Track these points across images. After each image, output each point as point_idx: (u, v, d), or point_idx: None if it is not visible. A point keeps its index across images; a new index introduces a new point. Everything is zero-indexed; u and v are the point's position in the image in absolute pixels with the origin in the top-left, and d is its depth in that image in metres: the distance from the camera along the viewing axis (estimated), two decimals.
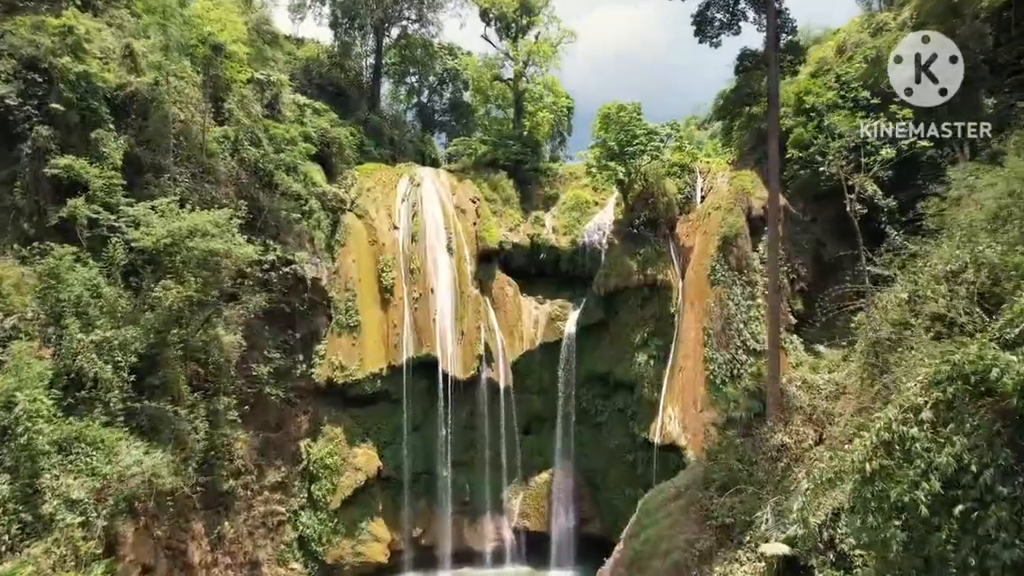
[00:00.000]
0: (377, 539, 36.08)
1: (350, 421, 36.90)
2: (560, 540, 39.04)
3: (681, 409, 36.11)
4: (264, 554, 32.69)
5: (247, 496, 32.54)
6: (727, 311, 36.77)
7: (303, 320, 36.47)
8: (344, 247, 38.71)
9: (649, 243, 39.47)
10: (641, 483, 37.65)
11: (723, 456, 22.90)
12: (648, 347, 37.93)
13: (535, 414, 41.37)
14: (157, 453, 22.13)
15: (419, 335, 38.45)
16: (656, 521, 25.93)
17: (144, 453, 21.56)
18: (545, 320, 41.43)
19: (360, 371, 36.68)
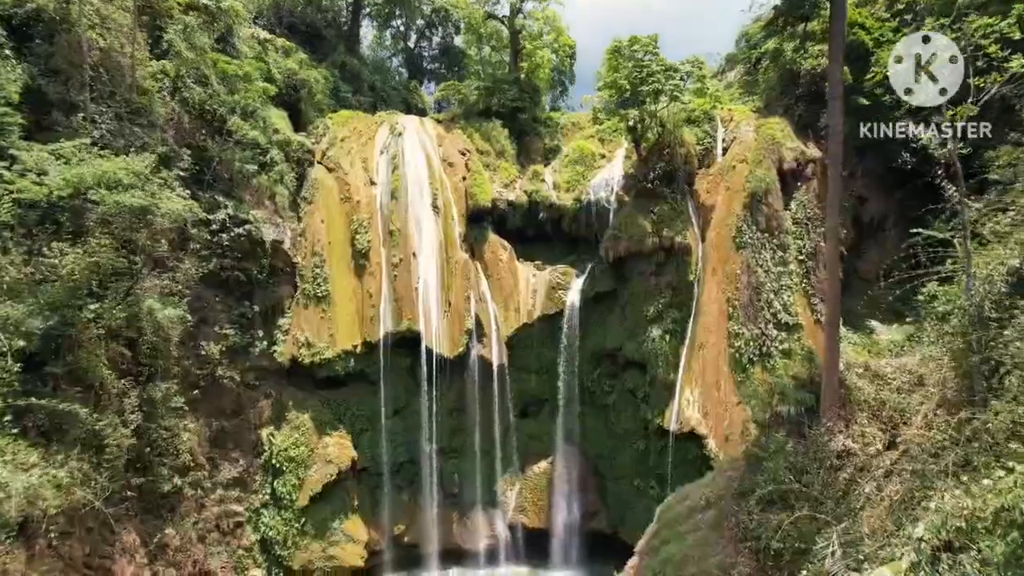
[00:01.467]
0: (352, 539, 32.05)
1: (319, 406, 32.56)
2: (562, 537, 35.14)
3: (701, 392, 31.78)
4: (218, 562, 28.62)
5: (197, 496, 28.33)
6: (755, 279, 32.22)
7: (263, 290, 31.84)
8: (312, 205, 33.88)
9: (665, 200, 34.65)
10: (654, 474, 33.63)
11: (769, 463, 18.48)
12: (663, 320, 33.39)
13: (533, 396, 37.04)
14: (36, 470, 17.57)
15: (399, 306, 33.86)
16: (680, 536, 21.70)
17: (18, 469, 17.00)
18: (545, 289, 36.80)
19: (330, 349, 32.20)
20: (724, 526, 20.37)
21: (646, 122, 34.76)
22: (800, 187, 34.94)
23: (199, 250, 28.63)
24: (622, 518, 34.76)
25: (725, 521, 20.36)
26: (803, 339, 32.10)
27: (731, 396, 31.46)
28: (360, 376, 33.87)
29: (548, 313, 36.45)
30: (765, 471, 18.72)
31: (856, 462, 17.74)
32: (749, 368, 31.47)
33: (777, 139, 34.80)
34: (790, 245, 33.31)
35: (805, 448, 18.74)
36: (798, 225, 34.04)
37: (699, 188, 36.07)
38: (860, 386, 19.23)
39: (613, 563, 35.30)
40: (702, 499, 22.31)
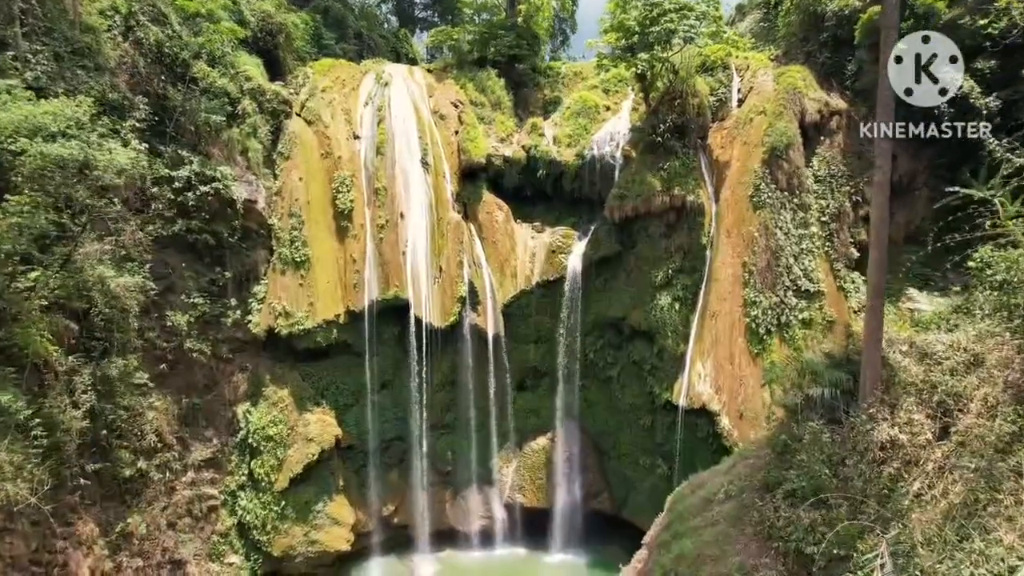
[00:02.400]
0: (337, 522, 30.12)
1: (299, 381, 30.29)
2: (562, 517, 33.27)
3: (713, 365, 29.49)
4: (191, 549, 26.72)
5: (166, 479, 26.33)
6: (774, 242, 29.65)
7: (235, 255, 29.29)
8: (288, 161, 31.07)
9: (675, 155, 31.84)
10: (660, 452, 31.61)
11: (802, 455, 16.19)
12: (673, 287, 30.93)
13: (531, 367, 34.79)
14: None
15: (385, 272, 31.36)
16: (694, 531, 19.55)
17: None
18: (544, 253, 34.25)
19: (310, 318, 29.78)
20: (746, 521, 18.19)
21: (656, 68, 31.75)
22: (823, 141, 32.11)
23: (162, 211, 26.05)
24: (625, 498, 32.86)
25: (747, 516, 18.23)
26: (825, 308, 29.68)
27: (746, 369, 29.19)
28: (344, 348, 31.56)
29: (548, 279, 33.96)
30: (796, 464, 16.46)
31: (903, 455, 15.48)
32: (766, 339, 29.12)
33: (799, 89, 31.84)
34: (811, 205, 30.63)
35: (842, 437, 16.48)
36: (820, 183, 31.31)
37: (712, 143, 33.23)
38: (906, 366, 16.84)
39: (616, 545, 33.62)
40: (720, 489, 20.13)
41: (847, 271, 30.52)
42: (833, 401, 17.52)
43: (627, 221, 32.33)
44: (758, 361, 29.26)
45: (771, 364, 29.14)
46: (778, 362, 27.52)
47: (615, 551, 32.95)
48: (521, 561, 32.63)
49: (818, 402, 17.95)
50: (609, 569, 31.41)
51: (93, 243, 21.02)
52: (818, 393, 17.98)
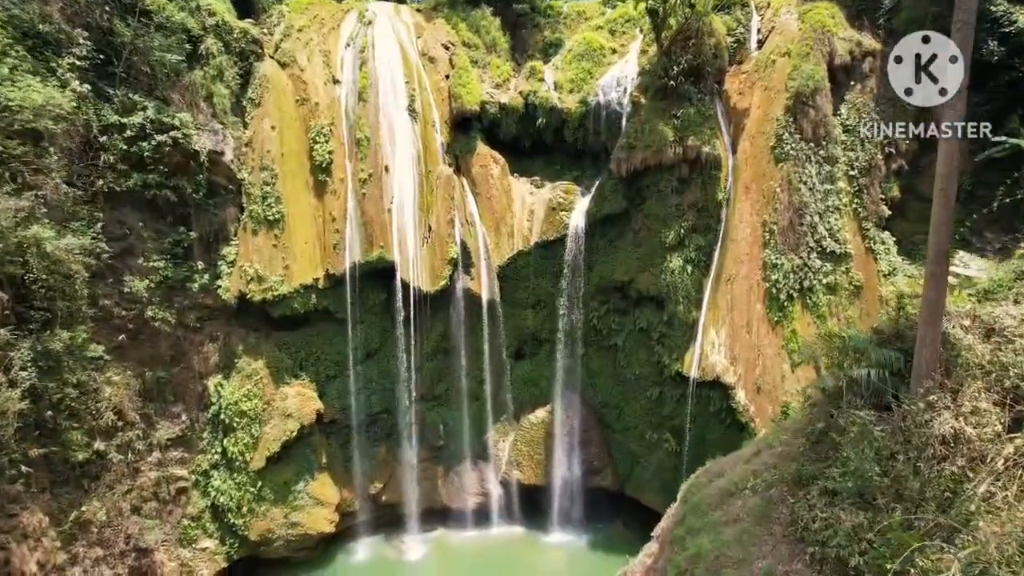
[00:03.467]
0: (320, 503, 28.16)
1: (275, 351, 27.92)
2: (562, 495, 31.35)
3: (729, 334, 27.14)
4: (158, 535, 24.74)
5: (128, 460, 24.17)
6: (797, 198, 27.00)
7: (201, 213, 26.56)
8: (260, 108, 28.09)
9: (690, 101, 28.87)
10: (668, 426, 29.50)
11: (847, 451, 13.86)
12: (685, 248, 28.35)
13: (529, 334, 32.45)
14: None
15: (369, 232, 28.71)
16: (713, 527, 17.41)
17: None
18: (544, 210, 31.54)
19: (285, 283, 27.26)
20: (773, 519, 16.03)
21: (670, 2, 28.50)
22: (853, 87, 29.10)
23: (113, 163, 23.28)
24: (629, 474, 30.90)
25: (775, 513, 16.05)
26: (852, 271, 27.17)
27: (764, 339, 26.84)
28: (324, 315, 29.12)
29: (548, 239, 31.32)
30: (840, 460, 14.14)
31: (968, 450, 13.17)
32: (787, 306, 26.69)
33: (827, 27, 28.68)
34: (839, 158, 27.83)
35: (892, 427, 14.13)
36: (849, 134, 28.44)
37: (729, 89, 30.20)
38: (969, 344, 14.40)
39: (619, 523, 31.83)
40: (743, 480, 17.93)
41: (877, 231, 27.90)
42: (880, 384, 15.09)
43: (635, 175, 29.52)
44: (778, 330, 26.90)
45: (790, 334, 26.86)
46: (803, 335, 25.19)
47: (618, 530, 31.21)
48: (518, 541, 30.85)
49: (863, 385, 15.49)
50: (611, 549, 29.63)
51: (10, 199, 18.30)
52: (863, 374, 15.50)
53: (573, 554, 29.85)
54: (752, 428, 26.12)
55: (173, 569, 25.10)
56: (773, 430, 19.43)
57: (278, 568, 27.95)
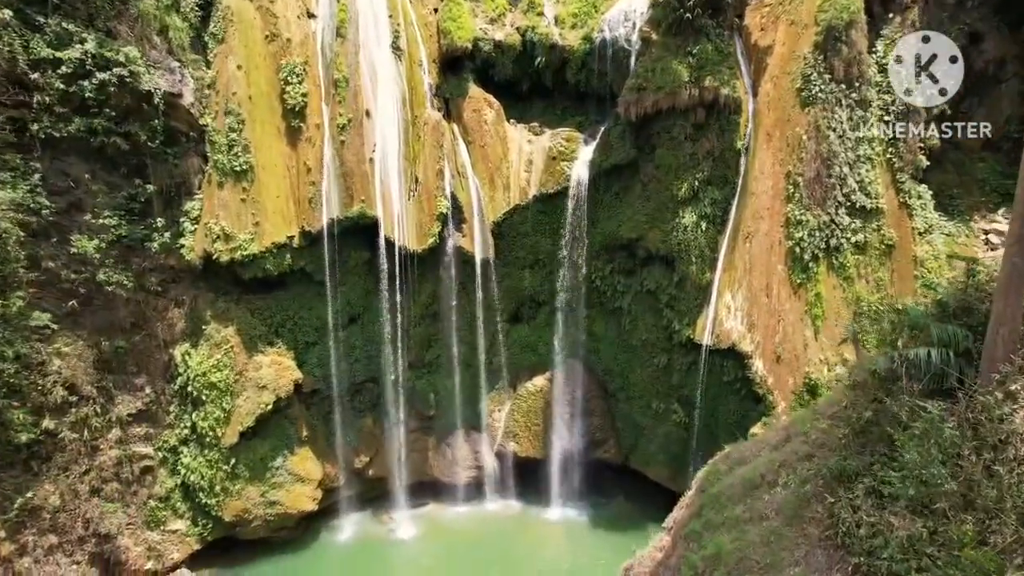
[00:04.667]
0: (300, 479, 26.27)
1: (247, 316, 25.57)
2: (561, 468, 29.54)
3: (746, 297, 24.81)
4: (122, 518, 22.88)
5: (84, 439, 22.17)
6: (826, 147, 24.37)
7: (159, 164, 23.87)
8: (223, 45, 25.00)
9: (707, 37, 25.86)
10: (677, 396, 27.50)
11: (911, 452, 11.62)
12: (699, 202, 25.80)
13: (527, 296, 30.13)
14: None
15: (348, 184, 26.03)
16: (735, 524, 15.42)
17: None
18: (543, 160, 28.80)
19: (256, 242, 24.72)
20: (807, 520, 13.97)
21: None
22: (892, 19, 26.08)
23: (50, 104, 20.45)
24: (634, 445, 29.01)
25: (809, 512, 13.97)
26: (884, 229, 24.74)
27: (785, 303, 24.53)
28: (301, 276, 26.71)
29: (547, 191, 28.69)
30: (899, 461, 11.93)
31: None
32: (811, 267, 24.32)
33: None
34: (873, 101, 25.06)
35: (958, 419, 11.92)
36: (885, 74, 25.58)
37: (750, 24, 27.10)
38: None
39: (622, 497, 30.08)
40: (770, 471, 15.83)
41: (913, 184, 25.35)
42: (943, 367, 12.76)
43: (645, 120, 26.68)
44: (800, 293, 24.60)
45: (814, 298, 24.55)
46: (828, 299, 22.81)
47: (621, 505, 29.55)
48: (515, 517, 29.18)
49: (921, 368, 13.14)
50: (614, 526, 28.02)
51: None
52: (921, 355, 13.11)
53: (573, 530, 28.21)
54: (770, 401, 24.06)
55: (140, 554, 23.33)
56: (805, 414, 17.21)
57: (257, 549, 26.26)
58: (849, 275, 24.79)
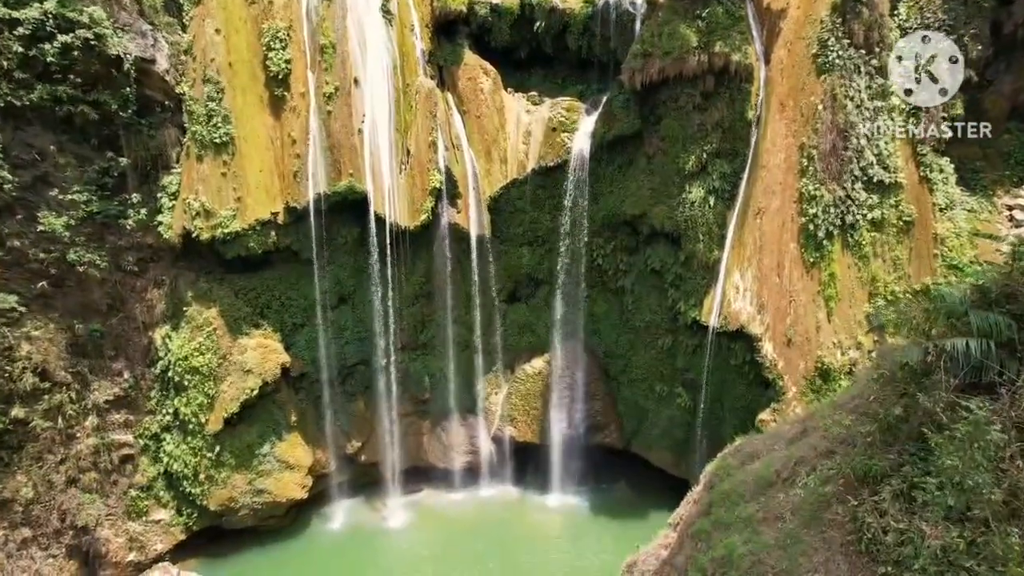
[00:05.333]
0: (289, 466, 25.31)
1: (230, 297, 24.38)
2: (561, 453, 28.58)
3: (756, 277, 23.61)
4: (100, 509, 21.91)
5: (59, 427, 21.16)
6: (843, 117, 23.05)
7: (134, 136, 22.52)
8: (201, 7, 23.49)
9: (718, 0, 24.22)
10: (681, 380, 26.47)
11: (952, 457, 10.46)
12: (708, 176, 24.45)
13: (525, 275, 28.89)
14: None
15: (336, 157, 24.64)
16: (747, 524, 14.37)
17: None
18: (542, 131, 27.35)
19: (239, 218, 23.43)
20: (827, 523, 12.92)
21: None
22: None
23: (10, 69, 18.97)
24: (636, 430, 28.03)
25: (829, 515, 12.91)
26: (903, 204, 23.43)
27: (797, 283, 23.33)
28: (287, 254, 25.49)
29: (547, 164, 27.26)
30: (938, 467, 10.80)
31: None
32: (825, 245, 23.10)
33: None
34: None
35: (1000, 419, 10.78)
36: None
37: None
38: None
39: (623, 483, 29.15)
40: (787, 469, 14.74)
41: (935, 157, 24.01)
42: (983, 359, 11.57)
43: (651, 89, 25.18)
44: (813, 273, 23.42)
45: (828, 278, 23.31)
46: (842, 278, 21.55)
47: (621, 491, 28.70)
48: (511, 503, 28.30)
49: (959, 360, 11.93)
50: (615, 512, 27.20)
51: None
52: (958, 346, 11.90)
53: (573, 518, 27.37)
54: (780, 386, 22.98)
55: (121, 545, 22.45)
56: (824, 406, 16.08)
57: (244, 539, 25.40)
58: (865, 254, 23.55)
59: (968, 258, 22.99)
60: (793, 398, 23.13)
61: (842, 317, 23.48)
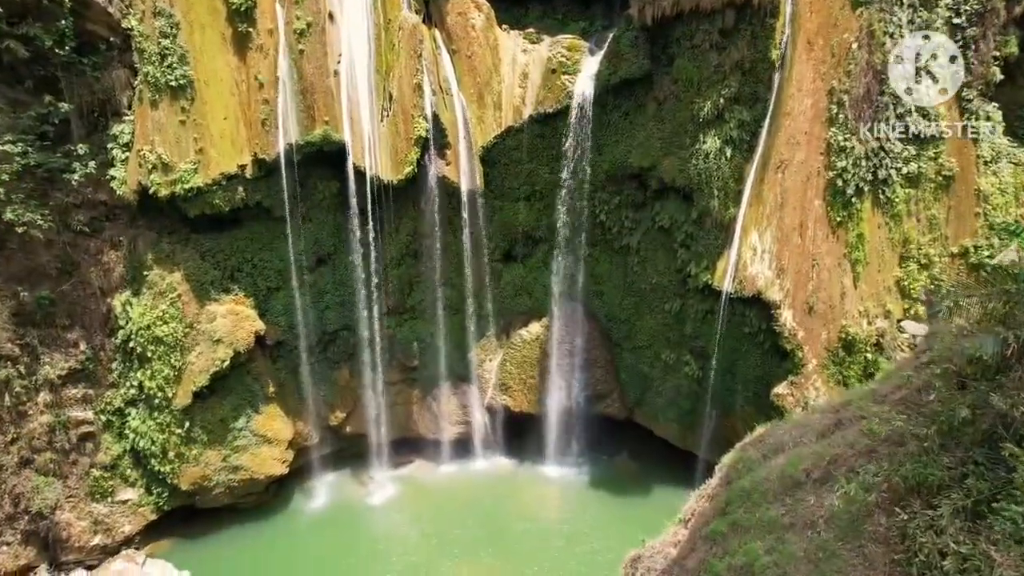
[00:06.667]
0: (267, 440, 23.66)
1: (196, 260, 22.22)
2: (559, 423, 26.89)
3: (776, 237, 21.45)
4: (59, 491, 20.20)
5: (7, 404, 19.47)
6: (880, 58, 20.56)
7: (75, 77, 19.96)
8: None
9: None
10: (689, 347, 24.56)
11: None
12: (725, 124, 21.90)
13: (521, 232, 26.63)
14: None
15: (309, 102, 22.09)
16: (771, 527, 12.58)
17: None
18: (541, 73, 24.67)
19: (201, 172, 21.06)
20: (868, 536, 11.10)
21: None
22: None
23: None
24: (640, 398, 26.31)
25: (870, 526, 11.08)
26: (943, 157, 21.05)
27: (822, 245, 21.18)
28: (259, 211, 23.21)
29: (545, 111, 24.65)
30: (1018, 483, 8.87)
31: None
32: (854, 203, 20.92)
33: None
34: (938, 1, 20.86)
35: None
36: None
37: None
38: None
39: (624, 454, 27.56)
40: (818, 467, 12.85)
41: (982, 102, 21.53)
42: None
43: (662, 25, 22.36)
44: (839, 233, 21.31)
45: (855, 239, 21.12)
46: (872, 240, 19.25)
47: (623, 462, 27.25)
48: (505, 476, 26.86)
49: None
50: (615, 485, 25.84)
51: None
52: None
53: (569, 490, 26.01)
54: (799, 358, 21.11)
55: (84, 529, 20.92)
56: (862, 394, 14.09)
57: (222, 517, 23.96)
58: (897, 212, 21.36)
59: (1015, 217, 20.78)
60: (813, 371, 21.26)
61: (870, 283, 21.43)
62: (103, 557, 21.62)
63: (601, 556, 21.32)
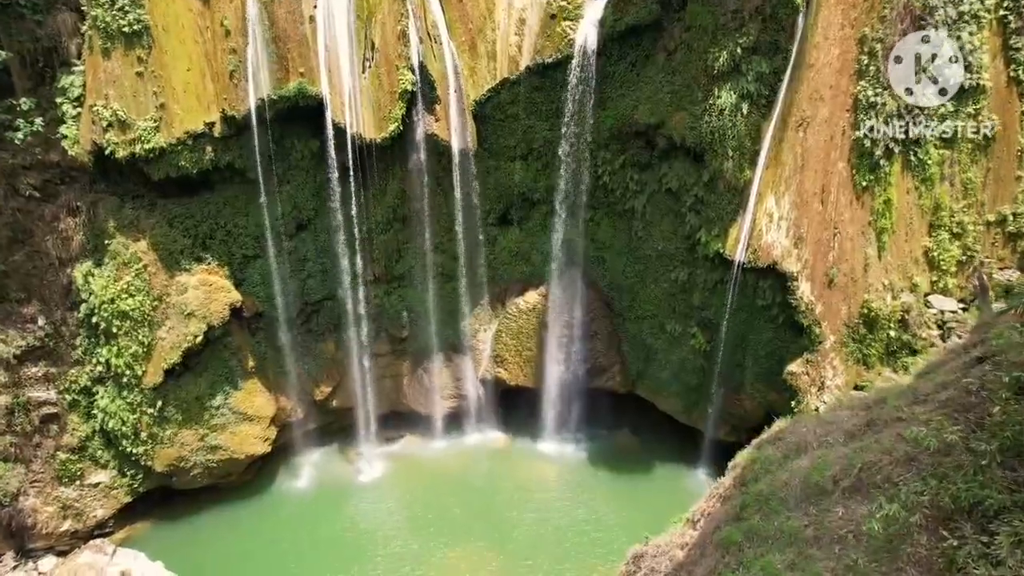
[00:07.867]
0: (248, 417, 22.39)
1: (164, 227, 20.53)
2: (557, 397, 25.55)
3: (795, 203, 19.74)
4: (21, 477, 18.88)
5: None
6: (918, 1, 18.13)
7: (13, 21, 17.67)
8: None
9: None
10: (697, 318, 23.10)
11: None
12: (741, 77, 19.85)
13: (518, 194, 24.89)
14: None
15: (282, 51, 19.98)
16: (793, 539, 11.44)
17: None
18: (539, 19, 22.47)
19: (163, 130, 19.16)
20: (908, 560, 9.75)
21: None
22: None
23: None
24: (643, 371, 25.00)
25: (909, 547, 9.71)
26: (984, 114, 19.10)
27: (845, 212, 19.45)
28: (231, 173, 21.33)
29: (544, 61, 22.60)
30: None
31: None
32: (882, 165, 19.03)
33: None
34: None
35: None
36: None
37: None
38: None
39: (625, 430, 26.34)
40: (848, 475, 11.44)
41: None
42: None
43: None
44: (864, 199, 19.61)
45: (882, 206, 19.37)
46: (901, 207, 17.55)
47: (623, 438, 26.12)
48: (500, 451, 25.81)
49: None
50: (615, 462, 24.88)
51: None
52: None
53: (567, 466, 25.03)
54: (816, 334, 19.66)
55: (52, 514, 19.83)
56: (899, 393, 12.55)
57: (202, 498, 22.85)
58: (930, 176, 19.59)
59: None
60: (831, 349, 19.81)
61: (896, 254, 19.81)
62: (75, 543, 20.63)
63: (600, 546, 20.26)
